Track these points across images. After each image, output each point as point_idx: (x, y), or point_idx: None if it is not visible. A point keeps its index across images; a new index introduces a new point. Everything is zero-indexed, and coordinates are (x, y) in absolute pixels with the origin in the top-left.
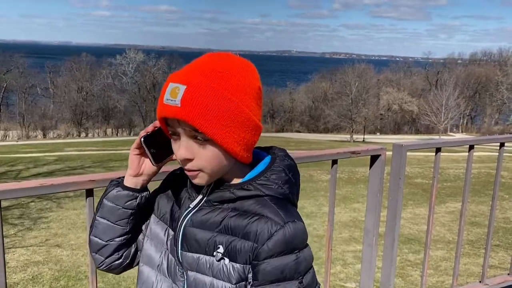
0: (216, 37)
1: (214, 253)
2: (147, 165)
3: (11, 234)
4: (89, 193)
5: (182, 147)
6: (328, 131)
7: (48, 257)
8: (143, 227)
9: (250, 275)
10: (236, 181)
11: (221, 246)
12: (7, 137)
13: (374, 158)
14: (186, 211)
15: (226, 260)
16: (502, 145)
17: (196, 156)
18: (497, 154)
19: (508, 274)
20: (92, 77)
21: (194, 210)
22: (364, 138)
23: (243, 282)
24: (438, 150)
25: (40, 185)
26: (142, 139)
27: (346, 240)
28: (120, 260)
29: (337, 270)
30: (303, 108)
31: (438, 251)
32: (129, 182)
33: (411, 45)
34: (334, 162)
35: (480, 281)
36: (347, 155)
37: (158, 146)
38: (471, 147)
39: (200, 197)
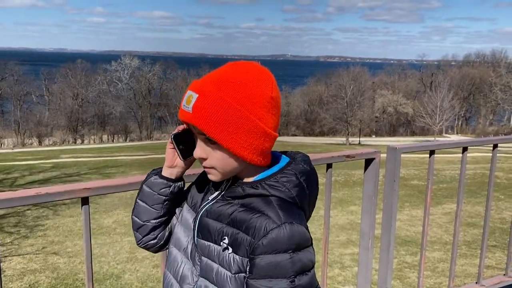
0: (211, 42)
1: (221, 243)
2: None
3: (7, 242)
4: (85, 201)
5: (198, 147)
6: (324, 134)
7: (45, 265)
8: (177, 212)
9: (248, 268)
10: (249, 179)
11: (226, 238)
12: (3, 144)
13: (368, 162)
14: (205, 203)
15: (229, 251)
16: (495, 146)
17: (209, 156)
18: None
19: (504, 274)
20: (87, 84)
21: (212, 203)
22: (360, 140)
23: (243, 274)
24: (432, 152)
25: (35, 194)
26: (172, 136)
27: (343, 243)
28: (155, 241)
29: (335, 273)
30: (299, 112)
31: (435, 252)
32: (165, 172)
33: (405, 47)
34: (329, 166)
35: (476, 282)
36: (342, 159)
37: (186, 144)
38: (465, 149)
39: (218, 191)
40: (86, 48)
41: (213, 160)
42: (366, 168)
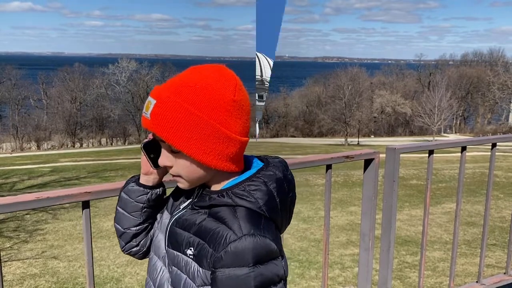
0: (209, 44)
1: (187, 254)
2: None
3: (6, 247)
4: (85, 205)
5: (162, 155)
6: (323, 135)
7: (45, 270)
8: (158, 218)
9: (211, 282)
10: (217, 188)
11: (192, 248)
12: (1, 149)
13: (367, 162)
14: (176, 211)
15: (193, 263)
16: (494, 145)
17: (174, 164)
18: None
19: (505, 273)
20: (85, 87)
21: (182, 212)
22: (358, 141)
23: (208, 286)
24: (431, 152)
25: (36, 199)
26: (142, 145)
27: (343, 244)
28: (138, 248)
29: (335, 274)
30: (297, 113)
31: (436, 252)
32: (142, 179)
33: (403, 47)
34: (328, 167)
35: (477, 281)
36: (341, 160)
37: (158, 152)
38: (463, 149)
39: (190, 200)
40: (83, 52)
41: (178, 168)
42: (365, 169)
